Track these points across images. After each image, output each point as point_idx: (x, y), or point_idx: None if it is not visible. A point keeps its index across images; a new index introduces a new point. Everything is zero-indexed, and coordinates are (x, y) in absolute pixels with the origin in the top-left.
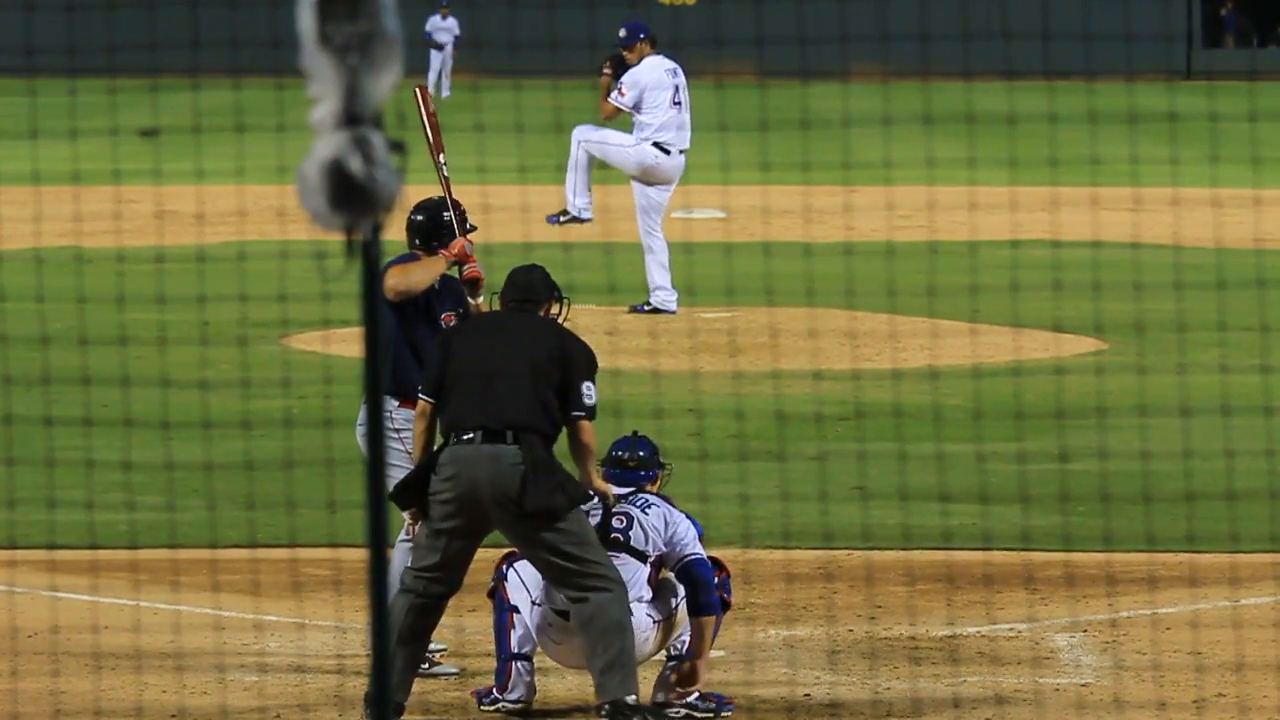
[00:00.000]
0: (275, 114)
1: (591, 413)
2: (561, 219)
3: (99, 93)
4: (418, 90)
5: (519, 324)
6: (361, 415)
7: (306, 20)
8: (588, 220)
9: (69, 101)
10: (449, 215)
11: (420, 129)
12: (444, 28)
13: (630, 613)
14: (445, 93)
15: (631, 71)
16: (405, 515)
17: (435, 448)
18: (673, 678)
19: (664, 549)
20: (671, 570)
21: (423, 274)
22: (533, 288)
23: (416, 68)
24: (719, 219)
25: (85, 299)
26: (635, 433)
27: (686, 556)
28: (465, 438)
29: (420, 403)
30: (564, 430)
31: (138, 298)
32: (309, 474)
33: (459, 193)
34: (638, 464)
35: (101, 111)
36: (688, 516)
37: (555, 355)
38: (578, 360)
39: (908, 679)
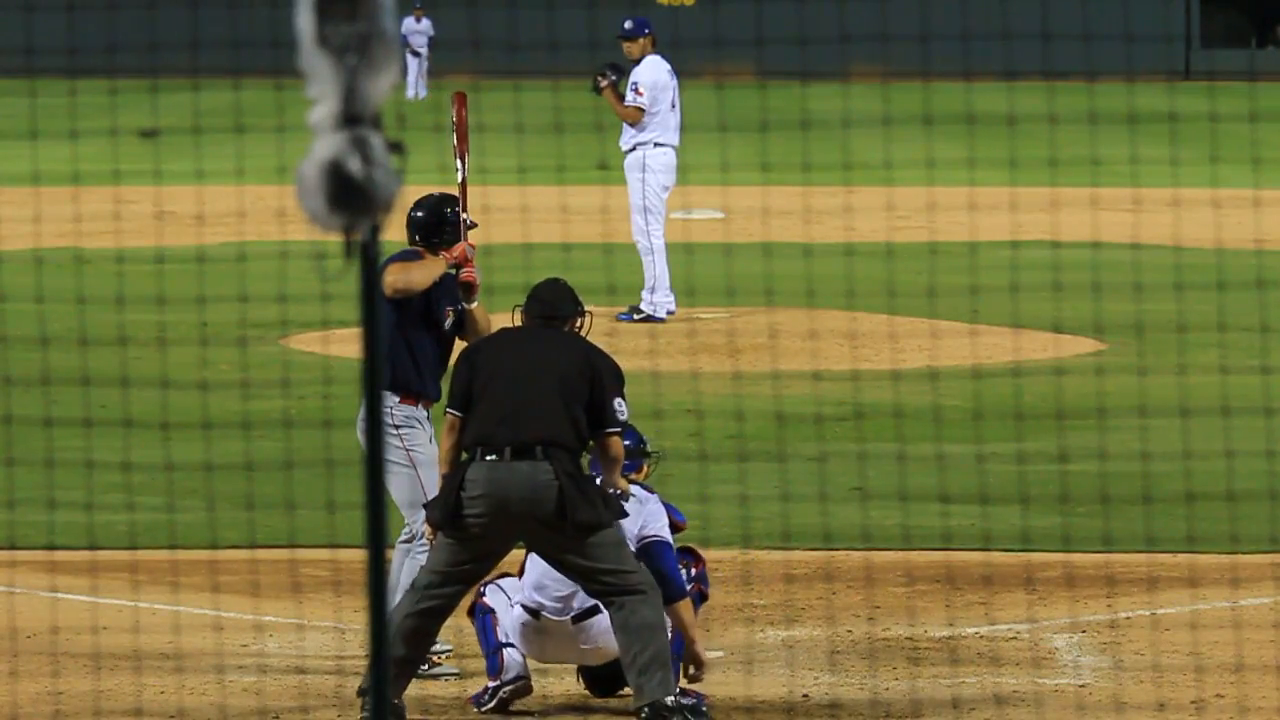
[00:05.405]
0: (275, 115)
1: (624, 427)
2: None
3: (99, 93)
4: (454, 96)
5: (546, 340)
6: (363, 412)
7: (305, 21)
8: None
9: (69, 102)
10: (452, 212)
11: (450, 131)
12: (419, 30)
13: (664, 612)
14: (422, 93)
15: (641, 72)
16: (425, 529)
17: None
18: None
19: (635, 539)
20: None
21: (422, 274)
22: (558, 304)
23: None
24: (718, 219)
25: (85, 300)
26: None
27: (646, 537)
28: (493, 456)
29: (449, 418)
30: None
31: (137, 298)
32: (308, 475)
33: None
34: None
35: (101, 112)
36: (669, 506)
37: (585, 372)
38: (607, 377)
39: (907, 680)
